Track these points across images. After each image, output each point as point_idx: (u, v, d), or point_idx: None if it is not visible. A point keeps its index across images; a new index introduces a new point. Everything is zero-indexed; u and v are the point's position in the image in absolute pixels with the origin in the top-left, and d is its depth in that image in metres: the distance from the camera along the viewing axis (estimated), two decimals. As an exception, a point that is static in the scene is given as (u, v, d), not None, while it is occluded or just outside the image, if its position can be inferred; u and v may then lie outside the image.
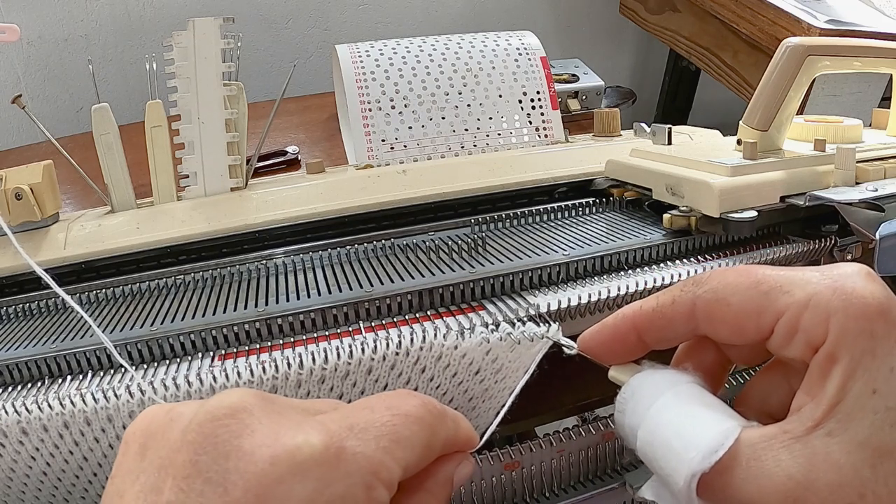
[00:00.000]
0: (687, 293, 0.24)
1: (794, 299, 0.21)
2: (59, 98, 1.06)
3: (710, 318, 0.24)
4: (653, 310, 0.25)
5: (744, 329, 0.23)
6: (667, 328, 0.25)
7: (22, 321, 0.40)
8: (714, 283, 0.24)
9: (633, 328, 0.26)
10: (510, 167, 0.54)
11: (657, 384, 0.25)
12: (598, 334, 0.27)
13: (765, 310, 0.22)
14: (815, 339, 0.21)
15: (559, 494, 0.34)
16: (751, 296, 0.22)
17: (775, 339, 0.22)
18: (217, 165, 0.51)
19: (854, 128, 0.51)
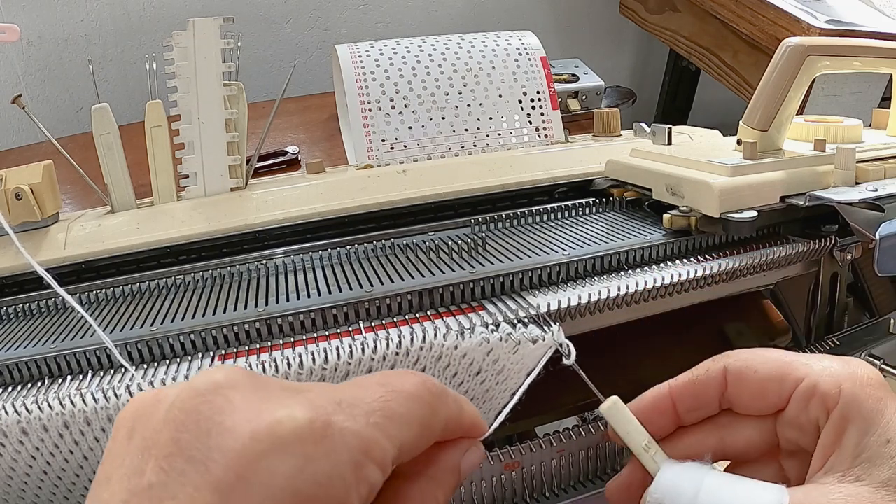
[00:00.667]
0: (718, 362, 0.28)
1: (812, 369, 0.26)
2: (59, 98, 1.06)
3: (738, 383, 0.27)
4: (688, 379, 0.28)
5: (767, 395, 0.27)
6: (700, 396, 0.28)
7: (22, 321, 0.40)
8: (743, 354, 0.28)
9: (668, 398, 0.28)
10: (510, 167, 0.54)
11: (692, 471, 0.26)
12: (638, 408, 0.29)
13: (787, 377, 0.26)
14: (829, 402, 0.25)
15: (559, 494, 0.34)
16: (776, 365, 0.27)
17: (793, 406, 0.26)
18: (217, 165, 0.51)
19: (854, 128, 0.51)
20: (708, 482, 0.25)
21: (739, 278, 0.42)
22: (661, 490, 0.26)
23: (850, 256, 0.46)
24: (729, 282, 0.42)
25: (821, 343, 0.44)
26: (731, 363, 0.27)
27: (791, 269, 0.47)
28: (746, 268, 0.42)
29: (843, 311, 0.48)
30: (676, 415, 0.28)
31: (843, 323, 0.48)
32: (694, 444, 0.29)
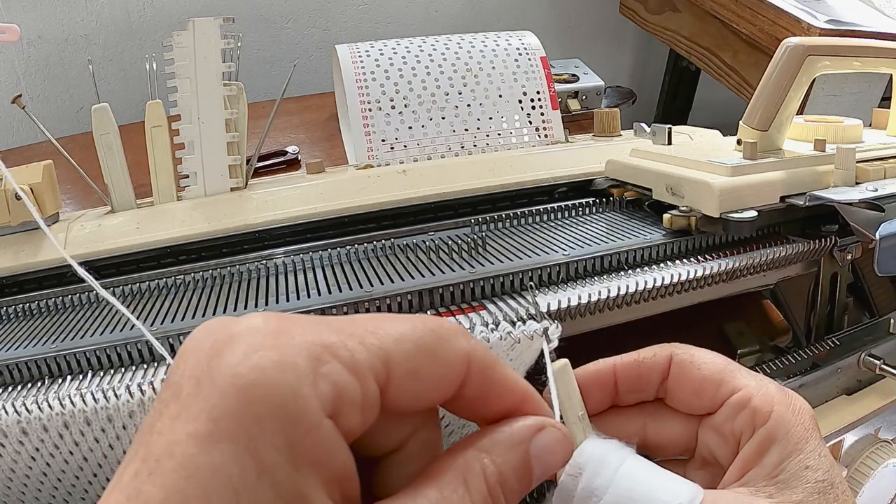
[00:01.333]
0: (666, 349, 0.28)
1: (751, 384, 0.26)
2: (59, 98, 1.06)
3: (679, 375, 0.27)
4: (634, 360, 0.28)
5: (703, 394, 0.27)
6: (643, 379, 0.28)
7: (22, 321, 0.40)
8: (692, 349, 0.28)
9: (612, 374, 0.28)
10: (510, 167, 0.54)
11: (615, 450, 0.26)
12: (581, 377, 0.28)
13: (725, 383, 0.26)
14: (758, 419, 0.25)
15: (559, 494, 0.34)
16: (718, 369, 0.27)
17: (722, 412, 0.26)
18: (217, 165, 0.51)
19: (854, 128, 0.51)
20: (630, 462, 0.25)
21: (739, 278, 0.42)
22: (585, 457, 0.26)
23: (850, 256, 0.46)
24: (729, 282, 0.42)
25: (821, 343, 0.44)
26: (677, 353, 0.28)
27: (791, 269, 0.47)
28: (746, 268, 0.42)
29: (843, 311, 0.48)
30: (615, 392, 0.28)
31: (843, 323, 0.48)
32: (618, 425, 0.29)
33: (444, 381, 0.19)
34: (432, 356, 0.18)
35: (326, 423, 0.16)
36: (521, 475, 0.20)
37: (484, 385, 0.20)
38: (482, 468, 0.19)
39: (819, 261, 0.46)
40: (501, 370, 0.20)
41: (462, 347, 0.19)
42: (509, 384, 0.21)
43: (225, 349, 0.16)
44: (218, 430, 0.15)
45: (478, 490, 0.18)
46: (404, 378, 0.18)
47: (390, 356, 0.18)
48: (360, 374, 0.17)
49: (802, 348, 0.44)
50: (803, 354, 0.43)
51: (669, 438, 0.28)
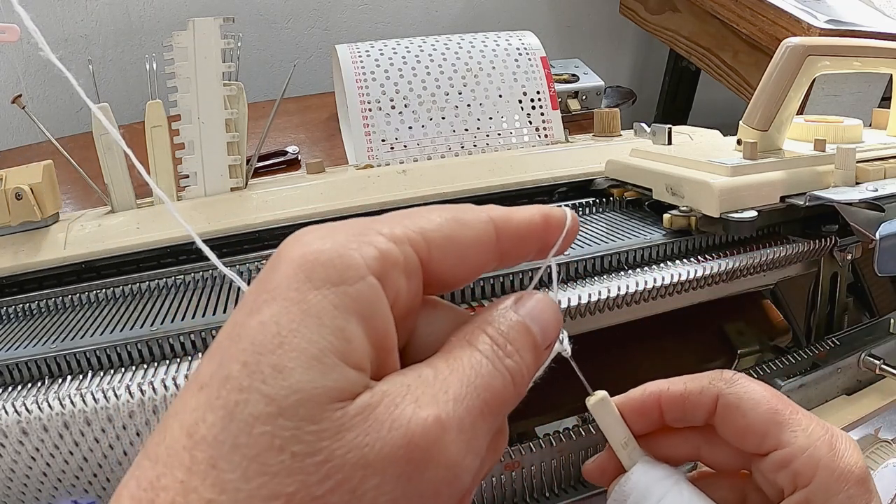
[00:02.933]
0: (714, 387, 0.28)
1: (797, 441, 0.25)
2: (59, 98, 1.06)
3: (724, 417, 0.27)
4: (680, 394, 0.28)
5: (746, 441, 0.27)
6: (689, 413, 0.28)
7: (22, 321, 0.40)
8: (740, 389, 0.27)
9: (657, 405, 0.28)
10: (510, 167, 0.54)
11: (661, 480, 0.27)
12: (625, 403, 0.29)
13: (770, 436, 0.26)
14: (800, 481, 0.25)
15: (559, 494, 0.34)
16: (765, 420, 0.26)
17: (766, 462, 0.26)
18: (217, 165, 0.51)
19: (854, 128, 0.51)
20: (675, 493, 0.26)
21: (739, 278, 0.42)
22: (630, 486, 0.27)
23: (850, 256, 0.46)
24: (729, 282, 0.42)
25: (821, 343, 0.44)
26: (725, 394, 0.27)
27: (791, 269, 0.47)
28: (746, 268, 0.42)
29: (843, 311, 0.48)
30: (661, 419, 0.29)
31: (843, 323, 0.48)
32: (673, 447, 0.29)
33: (479, 241, 0.21)
34: (459, 223, 0.20)
35: (371, 279, 0.18)
36: (523, 334, 0.21)
37: (513, 232, 0.21)
38: (482, 330, 0.20)
39: (819, 261, 0.46)
40: (518, 213, 0.22)
41: (482, 211, 0.21)
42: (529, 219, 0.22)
43: (295, 242, 0.19)
44: (270, 296, 0.17)
45: (483, 342, 0.20)
46: (442, 245, 0.20)
47: (424, 229, 0.20)
48: (399, 241, 0.19)
49: (802, 348, 0.44)
50: (803, 354, 0.43)
51: (724, 462, 0.29)
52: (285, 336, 0.16)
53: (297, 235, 0.19)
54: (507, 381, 0.20)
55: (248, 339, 0.17)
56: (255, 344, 0.16)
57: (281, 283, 0.17)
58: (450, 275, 0.20)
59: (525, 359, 0.21)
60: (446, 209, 0.21)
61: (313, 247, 0.18)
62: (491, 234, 0.21)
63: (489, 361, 0.19)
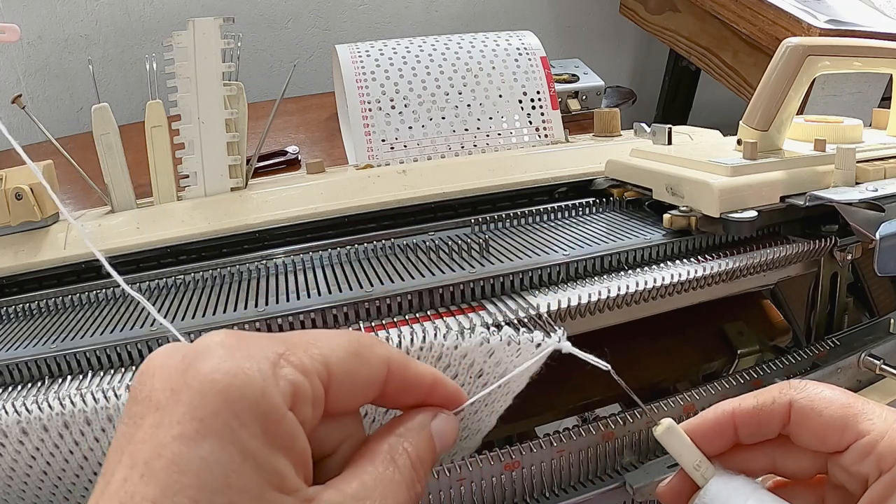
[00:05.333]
0: (785, 395, 0.28)
1: (875, 428, 0.26)
2: (59, 98, 1.06)
3: (801, 421, 0.28)
4: (753, 407, 0.29)
5: (826, 439, 0.27)
6: (763, 425, 0.29)
7: (22, 321, 0.40)
8: (811, 392, 0.28)
9: (731, 422, 0.29)
10: (510, 167, 0.54)
11: (739, 489, 0.27)
12: (699, 425, 0.29)
13: (849, 429, 0.27)
14: (884, 464, 0.26)
15: (559, 494, 0.34)
16: (840, 414, 0.27)
17: (848, 454, 0.27)
18: (217, 165, 0.51)
19: (854, 128, 0.51)
20: (755, 499, 0.27)
21: (739, 278, 0.42)
22: (709, 499, 0.28)
23: (850, 256, 0.46)
24: (729, 282, 0.42)
25: (821, 343, 0.44)
26: (797, 399, 0.28)
27: (791, 269, 0.47)
28: (746, 268, 0.42)
29: (843, 311, 0.48)
30: (735, 437, 0.29)
31: (843, 323, 0.48)
32: (747, 462, 0.29)
33: (371, 380, 0.23)
34: (360, 359, 0.23)
35: (289, 414, 0.20)
36: (430, 451, 0.24)
37: (402, 380, 0.24)
38: (404, 449, 0.23)
39: (819, 261, 0.46)
40: (415, 367, 0.25)
41: (382, 352, 0.24)
42: (421, 376, 0.25)
43: (197, 361, 0.19)
44: (203, 427, 0.18)
45: (404, 465, 0.23)
46: (341, 378, 0.22)
47: (329, 361, 0.22)
48: (308, 374, 0.21)
49: (802, 348, 0.44)
50: (803, 354, 0.43)
51: (799, 469, 0.29)
52: (230, 477, 0.18)
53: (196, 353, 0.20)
54: (413, 502, 0.23)
55: (192, 474, 0.18)
56: (201, 480, 0.18)
57: (209, 415, 0.18)
58: (336, 403, 0.22)
59: (426, 478, 0.24)
60: (351, 340, 0.23)
61: (230, 376, 0.19)
62: (382, 376, 0.24)
63: (406, 488, 0.22)
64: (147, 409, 0.19)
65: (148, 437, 0.18)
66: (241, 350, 0.20)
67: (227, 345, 0.20)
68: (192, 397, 0.19)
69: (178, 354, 0.20)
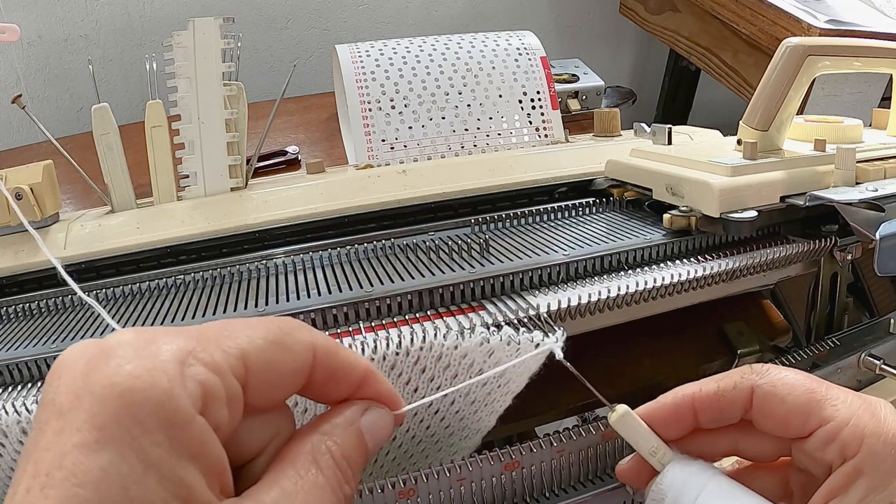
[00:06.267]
0: (747, 381, 0.28)
1: (839, 414, 0.26)
2: (59, 98, 1.06)
3: (763, 408, 0.27)
4: (714, 392, 0.28)
5: (789, 425, 0.27)
6: (724, 411, 0.28)
7: (22, 321, 0.40)
8: (773, 377, 0.27)
9: (691, 407, 0.28)
10: (510, 167, 0.54)
11: (696, 475, 0.27)
12: (657, 410, 0.29)
13: (812, 415, 0.26)
14: (848, 451, 0.25)
15: (559, 494, 0.34)
16: (804, 400, 0.26)
17: (812, 441, 0.26)
18: (217, 165, 0.51)
19: (854, 128, 0.51)
20: (710, 489, 0.26)
21: (739, 278, 0.42)
22: (666, 484, 0.27)
23: (850, 256, 0.46)
24: (729, 282, 0.42)
25: (821, 343, 0.44)
26: (759, 385, 0.27)
27: (791, 269, 0.47)
28: (746, 268, 0.42)
29: (843, 311, 0.48)
30: (696, 421, 0.28)
31: (843, 323, 0.48)
32: (708, 445, 0.29)
33: (296, 369, 0.21)
34: (281, 347, 0.21)
35: (199, 418, 0.18)
36: (359, 448, 0.23)
37: (330, 368, 0.22)
38: (327, 448, 0.22)
39: (819, 261, 0.46)
40: (344, 354, 0.23)
41: (306, 337, 0.22)
42: (352, 365, 0.23)
43: (100, 364, 0.18)
44: (103, 436, 0.17)
45: (327, 466, 0.21)
46: (261, 370, 0.20)
47: (245, 353, 0.20)
48: (221, 372, 0.19)
49: (802, 348, 0.44)
50: (803, 354, 0.43)
51: (762, 453, 0.29)
52: (131, 490, 0.17)
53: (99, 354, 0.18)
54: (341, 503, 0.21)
55: (91, 486, 0.17)
56: (101, 493, 0.17)
57: (108, 422, 0.17)
58: (258, 398, 0.21)
59: (357, 476, 0.22)
60: (270, 328, 0.21)
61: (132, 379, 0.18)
62: (308, 364, 0.22)
63: (332, 491, 0.21)
64: (51, 414, 0.18)
65: (51, 445, 0.17)
66: (147, 350, 0.19)
67: (134, 344, 0.19)
68: (93, 403, 0.17)
69: (83, 357, 0.19)
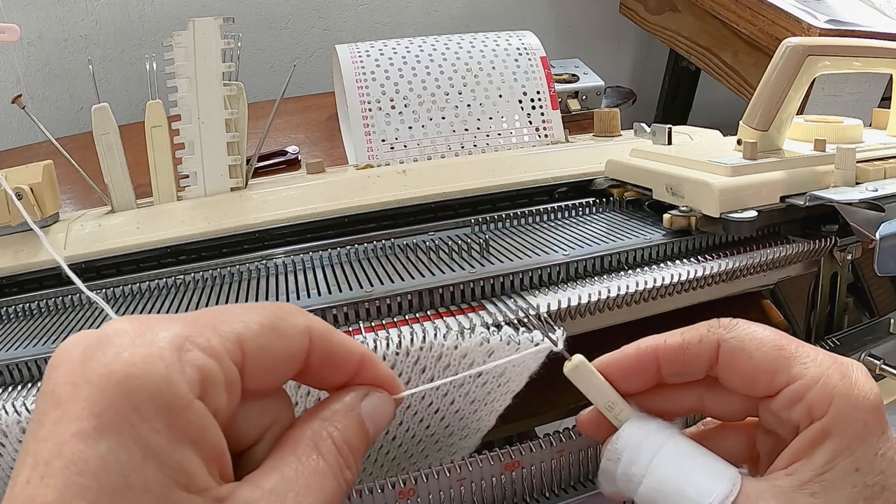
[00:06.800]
0: (713, 334, 0.26)
1: (808, 373, 0.24)
2: (59, 98, 1.06)
3: (729, 363, 0.26)
4: (678, 345, 0.27)
5: (756, 383, 0.25)
6: (689, 365, 0.27)
7: (22, 321, 0.40)
8: (741, 332, 0.26)
9: (654, 360, 0.27)
10: (510, 167, 0.54)
11: (653, 435, 0.26)
12: (618, 361, 0.27)
13: (780, 373, 0.25)
14: (815, 412, 0.24)
15: (559, 494, 0.34)
16: (772, 357, 0.25)
17: (779, 400, 0.25)
18: (217, 165, 0.51)
19: (854, 128, 0.51)
20: (667, 449, 0.25)
21: (739, 278, 0.42)
22: (622, 444, 0.26)
23: (850, 256, 0.46)
24: (729, 282, 0.42)
25: (821, 343, 0.44)
26: (726, 339, 0.26)
27: (791, 269, 0.47)
28: (746, 268, 0.42)
29: (843, 311, 0.48)
30: (659, 374, 0.27)
31: (843, 323, 0.48)
32: (672, 401, 0.28)
33: (292, 353, 0.21)
34: (277, 332, 0.21)
35: (197, 403, 0.18)
36: (360, 434, 0.22)
37: (326, 352, 0.22)
38: (328, 434, 0.22)
39: (819, 261, 0.46)
40: (340, 338, 0.23)
41: (301, 321, 0.22)
42: (348, 349, 0.23)
43: (97, 353, 0.18)
44: (101, 424, 0.17)
45: (329, 451, 0.21)
46: (257, 355, 0.20)
47: (242, 338, 0.20)
48: (218, 356, 0.19)
49: (802, 348, 0.44)
50: (803, 354, 0.43)
51: (729, 411, 0.27)
52: (131, 477, 0.17)
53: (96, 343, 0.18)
54: (343, 491, 0.21)
55: (91, 474, 0.17)
56: (100, 482, 0.17)
57: (106, 410, 0.17)
58: (255, 383, 0.21)
59: (358, 462, 0.22)
60: (265, 312, 0.21)
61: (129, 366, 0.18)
62: (304, 348, 0.22)
63: (333, 476, 0.21)
64: (50, 404, 0.18)
65: (49, 435, 0.17)
66: (144, 337, 0.19)
67: (130, 332, 0.19)
68: (91, 391, 0.17)
69: (79, 346, 0.19)
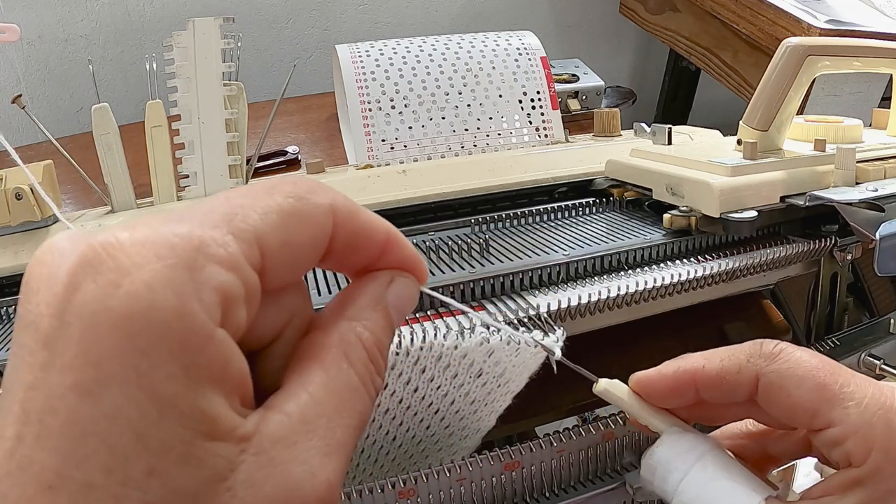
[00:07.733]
0: (753, 366, 0.26)
1: (849, 420, 0.24)
2: (59, 98, 1.06)
3: (768, 398, 0.26)
4: (717, 374, 0.26)
5: (795, 419, 0.25)
6: (727, 394, 0.27)
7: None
8: (782, 366, 0.25)
9: (692, 384, 0.27)
10: (510, 167, 0.54)
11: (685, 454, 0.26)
12: (654, 382, 0.28)
13: (820, 415, 0.24)
14: (853, 459, 0.24)
15: (559, 494, 0.34)
16: (812, 397, 0.24)
17: (819, 438, 0.25)
18: (217, 165, 0.51)
19: (854, 128, 0.51)
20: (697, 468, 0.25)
21: (739, 278, 0.42)
22: (655, 460, 0.27)
23: (850, 256, 0.46)
24: (729, 282, 0.42)
25: (821, 343, 0.44)
26: (765, 374, 0.25)
27: (791, 269, 0.47)
28: (746, 268, 0.42)
29: (843, 311, 0.48)
30: (697, 395, 0.27)
31: (843, 323, 0.48)
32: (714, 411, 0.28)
33: (315, 240, 0.18)
34: (299, 219, 0.17)
35: (219, 332, 0.15)
36: (388, 330, 0.20)
37: (351, 233, 0.19)
38: (357, 336, 0.19)
39: (819, 261, 0.46)
40: (366, 216, 0.20)
41: (324, 200, 0.18)
42: (374, 227, 0.20)
43: (85, 280, 0.14)
44: (102, 375, 0.14)
45: (359, 359, 0.18)
46: (278, 251, 0.17)
47: (260, 234, 0.16)
48: (238, 268, 0.16)
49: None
50: (803, 354, 0.43)
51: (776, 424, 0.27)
52: (145, 436, 0.14)
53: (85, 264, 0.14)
54: (373, 403, 0.19)
55: (97, 437, 0.14)
56: (110, 445, 0.14)
57: (107, 357, 0.14)
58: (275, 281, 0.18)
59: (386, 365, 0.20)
60: (287, 197, 0.17)
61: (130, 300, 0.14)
62: (328, 230, 0.18)
63: (364, 389, 0.18)
64: (34, 340, 0.14)
65: (39, 383, 0.14)
66: (144, 253, 0.15)
67: (127, 248, 0.15)
68: (84, 331, 0.14)
69: (64, 263, 0.15)
